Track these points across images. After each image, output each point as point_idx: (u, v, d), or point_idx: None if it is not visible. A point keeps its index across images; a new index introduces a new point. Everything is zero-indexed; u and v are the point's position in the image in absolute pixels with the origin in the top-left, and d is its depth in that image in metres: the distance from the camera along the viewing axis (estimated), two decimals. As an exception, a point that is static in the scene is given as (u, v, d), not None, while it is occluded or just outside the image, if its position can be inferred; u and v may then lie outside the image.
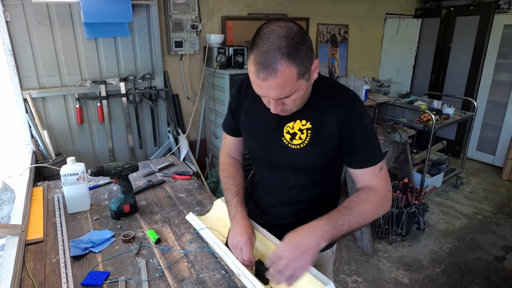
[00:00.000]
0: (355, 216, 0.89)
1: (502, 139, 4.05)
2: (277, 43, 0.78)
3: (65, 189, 1.32)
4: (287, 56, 0.78)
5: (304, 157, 0.98)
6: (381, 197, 0.94)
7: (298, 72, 0.80)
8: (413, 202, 2.72)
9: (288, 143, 0.98)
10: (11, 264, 1.00)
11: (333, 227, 0.85)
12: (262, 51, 0.79)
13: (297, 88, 0.84)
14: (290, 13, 3.31)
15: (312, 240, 0.82)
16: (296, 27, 0.81)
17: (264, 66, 0.79)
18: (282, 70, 0.78)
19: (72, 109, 2.31)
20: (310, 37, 0.85)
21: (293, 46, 0.78)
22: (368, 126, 0.94)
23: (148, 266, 1.05)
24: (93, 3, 2.07)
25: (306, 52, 0.81)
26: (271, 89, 0.82)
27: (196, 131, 3.05)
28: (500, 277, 2.40)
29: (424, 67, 4.65)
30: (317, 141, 0.95)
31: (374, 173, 0.95)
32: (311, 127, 0.96)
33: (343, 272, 2.42)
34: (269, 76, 0.79)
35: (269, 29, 0.81)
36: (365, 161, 0.95)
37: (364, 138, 0.94)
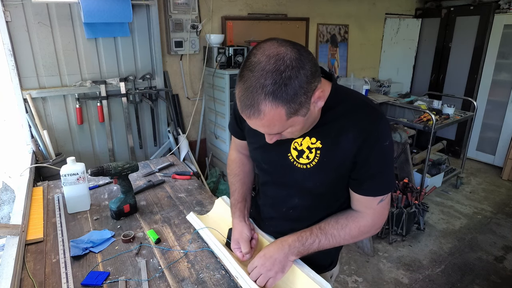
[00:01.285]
0: (327, 239, 0.90)
1: (502, 139, 4.05)
2: (261, 80, 0.67)
3: (65, 189, 1.32)
4: (272, 96, 0.67)
5: (311, 178, 0.89)
6: (364, 227, 0.90)
7: (288, 112, 0.70)
8: (413, 202, 2.71)
9: (294, 161, 0.90)
10: (11, 264, 1.00)
11: (302, 245, 0.90)
12: (245, 87, 0.70)
13: (290, 125, 0.75)
14: (290, 13, 3.31)
15: (282, 254, 0.90)
16: (290, 55, 0.69)
17: (246, 105, 0.70)
18: (266, 112, 0.69)
19: (72, 109, 2.31)
20: (311, 63, 0.72)
21: (280, 84, 0.67)
22: (387, 154, 0.84)
23: (148, 266, 1.05)
24: (93, 3, 2.07)
25: (300, 86, 0.69)
26: (259, 127, 0.76)
27: (196, 131, 3.05)
28: (500, 277, 2.40)
29: (424, 67, 4.65)
30: (326, 163, 0.86)
31: (371, 204, 0.88)
32: (321, 147, 0.86)
33: (343, 272, 2.42)
34: (253, 116, 0.71)
35: (257, 59, 0.69)
36: (369, 190, 0.87)
37: (378, 167, 0.84)
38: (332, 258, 1.11)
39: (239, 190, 1.13)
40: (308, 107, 0.73)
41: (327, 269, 1.09)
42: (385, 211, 0.90)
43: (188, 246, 1.15)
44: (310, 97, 0.72)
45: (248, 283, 0.93)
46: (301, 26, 3.43)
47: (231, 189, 1.14)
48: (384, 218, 0.92)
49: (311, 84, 0.71)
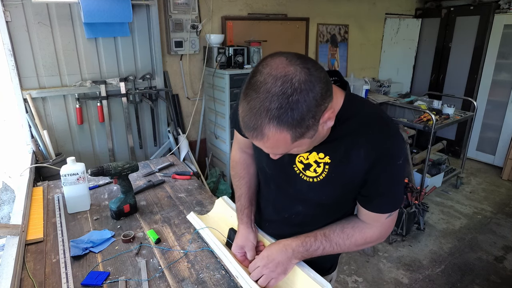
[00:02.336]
0: (331, 247, 0.89)
1: (502, 139, 4.05)
2: (265, 103, 0.62)
3: (65, 189, 1.32)
4: (277, 120, 0.63)
5: (317, 191, 0.86)
6: (370, 238, 0.88)
7: (293, 136, 0.66)
8: (413, 202, 2.72)
9: (300, 173, 0.86)
10: (11, 264, 1.00)
11: (306, 250, 0.89)
12: (249, 107, 0.65)
13: (295, 147, 0.70)
14: (290, 13, 3.31)
15: (285, 257, 0.90)
16: (299, 77, 0.62)
17: (250, 127, 0.66)
18: (270, 136, 0.65)
19: (72, 109, 2.31)
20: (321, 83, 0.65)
21: (286, 108, 0.62)
22: (399, 172, 0.80)
23: (148, 266, 1.05)
24: (93, 3, 2.07)
25: (308, 110, 0.63)
26: (262, 148, 0.72)
27: (196, 131, 3.05)
28: (500, 277, 2.40)
29: (424, 67, 4.65)
30: (335, 179, 0.82)
31: (379, 219, 0.86)
32: (330, 162, 0.81)
33: (343, 272, 2.42)
34: (256, 138, 0.68)
35: (263, 78, 0.64)
36: (378, 207, 0.84)
37: (389, 185, 0.81)
38: (332, 261, 1.11)
39: (246, 194, 1.08)
40: (316, 129, 0.68)
41: (327, 272, 1.09)
42: (392, 224, 0.89)
43: (188, 246, 1.15)
44: (318, 120, 0.67)
45: (248, 282, 0.93)
46: (301, 26, 3.43)
47: (237, 193, 1.09)
48: (390, 230, 0.90)
49: (321, 106, 0.66)
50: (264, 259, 0.93)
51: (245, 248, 1.03)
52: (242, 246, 1.03)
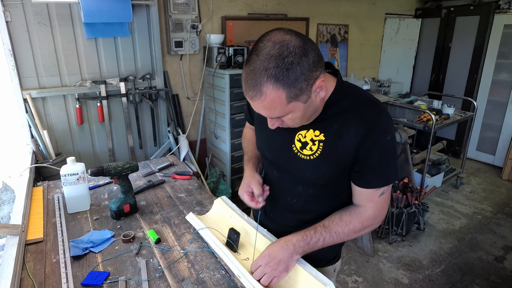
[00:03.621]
0: (331, 236, 0.91)
1: (502, 139, 4.05)
2: (265, 63, 0.72)
3: (65, 189, 1.32)
4: (274, 78, 0.72)
5: (312, 169, 0.92)
6: (366, 219, 0.92)
7: (288, 95, 0.74)
8: (413, 202, 2.72)
9: (298, 152, 0.93)
10: (11, 264, 1.00)
11: (307, 244, 0.91)
12: (250, 69, 0.74)
13: (290, 110, 0.78)
14: (290, 13, 3.31)
15: (286, 253, 0.90)
16: (294, 43, 0.73)
17: (251, 86, 0.75)
18: (268, 94, 0.73)
19: (72, 109, 2.31)
20: (315, 50, 0.75)
21: (282, 68, 0.71)
22: (388, 147, 0.86)
23: (148, 266, 1.05)
24: (93, 3, 2.07)
25: (301, 73, 0.72)
26: (260, 109, 0.79)
27: (196, 131, 3.05)
28: (500, 277, 2.40)
29: (424, 67, 4.65)
30: (328, 155, 0.89)
31: (372, 197, 0.90)
32: (324, 140, 0.89)
33: (343, 272, 2.42)
34: (255, 97, 0.76)
35: (263, 44, 0.74)
36: (370, 183, 0.89)
37: (379, 160, 0.86)
38: (336, 252, 1.14)
39: (252, 150, 1.16)
40: (309, 94, 0.76)
41: (331, 262, 1.12)
42: (385, 204, 0.92)
43: (188, 246, 1.15)
44: (311, 85, 0.76)
45: (251, 281, 0.93)
46: (301, 26, 3.43)
47: (245, 151, 1.19)
48: (385, 211, 0.93)
49: (313, 72, 0.74)
50: (265, 258, 0.92)
51: (251, 184, 1.02)
52: (249, 183, 1.03)
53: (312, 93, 0.77)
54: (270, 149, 1.02)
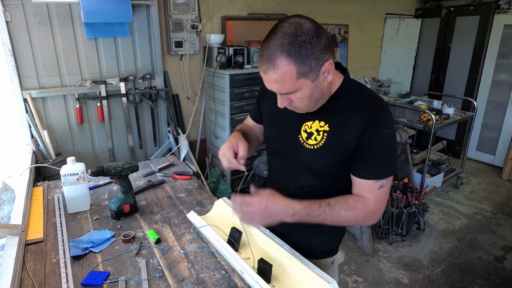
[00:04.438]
0: (332, 216, 0.91)
1: (502, 139, 4.05)
2: (280, 39, 0.79)
3: (65, 189, 1.32)
4: (287, 53, 0.78)
5: (316, 158, 0.96)
6: (368, 211, 0.93)
7: (298, 71, 0.80)
8: (413, 202, 2.72)
9: (304, 142, 0.98)
10: (11, 264, 1.00)
11: (307, 215, 0.90)
12: (267, 45, 0.82)
13: (299, 87, 0.84)
14: (290, 13, 3.31)
15: (280, 212, 0.89)
16: (309, 26, 0.80)
17: (265, 59, 0.82)
18: (280, 66, 0.80)
19: (72, 109, 2.31)
20: (325, 38, 0.82)
21: (295, 44, 0.78)
22: (387, 140, 0.91)
23: (148, 266, 1.05)
24: (93, 3, 2.07)
25: (312, 52, 0.79)
26: (272, 83, 0.85)
27: (196, 131, 3.05)
28: (500, 277, 2.40)
29: (424, 67, 4.65)
30: (332, 145, 0.93)
31: (372, 189, 0.92)
32: (329, 130, 0.94)
33: (343, 272, 2.42)
34: (268, 70, 0.82)
35: (281, 25, 0.82)
36: (369, 173, 0.92)
37: (378, 151, 0.90)
38: (334, 246, 1.16)
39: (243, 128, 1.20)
40: (317, 74, 0.83)
41: (328, 255, 1.14)
42: (384, 199, 0.94)
43: (188, 246, 1.15)
44: (320, 65, 0.82)
45: (254, 277, 0.93)
46: (301, 26, 3.43)
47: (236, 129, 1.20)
48: (383, 207, 0.95)
49: (323, 54, 0.81)
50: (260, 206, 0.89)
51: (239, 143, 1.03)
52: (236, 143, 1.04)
53: (321, 74, 0.84)
54: (277, 139, 1.07)
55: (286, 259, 1.01)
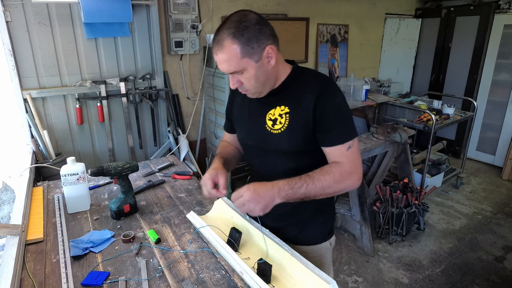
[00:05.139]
0: (314, 184, 0.99)
1: (502, 139, 4.05)
2: (228, 25, 0.96)
3: (65, 189, 1.32)
4: (232, 35, 0.94)
5: (285, 140, 1.06)
6: (344, 172, 1.01)
7: (242, 50, 0.95)
8: (413, 202, 2.72)
9: (271, 129, 1.08)
10: (11, 264, 1.00)
11: (291, 188, 0.98)
12: (218, 31, 0.98)
13: (244, 66, 0.97)
14: (290, 13, 3.31)
15: (270, 194, 0.97)
16: (252, 16, 0.98)
17: (216, 42, 0.97)
18: (226, 46, 0.95)
19: (72, 109, 2.31)
20: (267, 26, 0.99)
21: (239, 29, 0.94)
22: (340, 105, 1.02)
23: (148, 266, 1.05)
24: (93, 3, 2.07)
25: (254, 35, 0.95)
26: (221, 63, 0.99)
27: (196, 131, 3.05)
28: (500, 277, 2.40)
29: (424, 67, 4.65)
30: (295, 124, 1.04)
31: (341, 152, 1.02)
32: (289, 111, 1.05)
33: (343, 272, 2.42)
34: (218, 50, 0.97)
35: (230, 16, 0.99)
36: (334, 140, 1.02)
37: (335, 117, 1.01)
38: (330, 228, 1.25)
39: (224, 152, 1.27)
40: (260, 56, 0.97)
41: (326, 238, 1.22)
42: (357, 158, 1.04)
43: (188, 246, 1.15)
44: (262, 49, 0.97)
45: (254, 278, 0.93)
46: (301, 26, 3.43)
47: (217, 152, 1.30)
48: (359, 167, 1.04)
49: (264, 39, 0.97)
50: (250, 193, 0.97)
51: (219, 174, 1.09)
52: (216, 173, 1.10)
53: (264, 57, 0.98)
54: (249, 136, 1.18)
55: (286, 259, 1.01)
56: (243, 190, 0.98)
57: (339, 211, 2.83)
